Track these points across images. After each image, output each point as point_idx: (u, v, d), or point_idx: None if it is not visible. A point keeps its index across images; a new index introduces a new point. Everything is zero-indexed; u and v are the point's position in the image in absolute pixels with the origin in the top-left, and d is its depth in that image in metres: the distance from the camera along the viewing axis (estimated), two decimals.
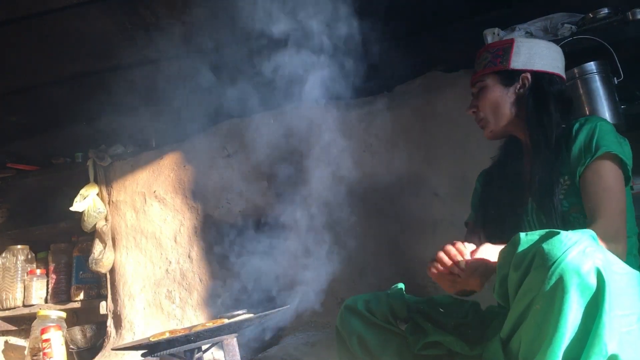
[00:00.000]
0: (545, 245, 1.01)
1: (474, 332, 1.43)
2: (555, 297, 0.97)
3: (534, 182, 1.46)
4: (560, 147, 1.44)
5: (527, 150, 1.56)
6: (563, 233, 1.02)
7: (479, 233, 1.64)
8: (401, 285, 1.63)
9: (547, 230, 1.06)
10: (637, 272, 1.02)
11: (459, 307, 1.54)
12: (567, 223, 1.39)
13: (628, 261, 1.37)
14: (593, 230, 1.25)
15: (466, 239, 1.66)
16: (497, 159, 1.69)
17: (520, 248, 1.07)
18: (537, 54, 1.53)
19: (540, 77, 1.52)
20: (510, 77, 1.54)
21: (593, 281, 0.96)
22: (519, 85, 1.53)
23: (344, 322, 1.52)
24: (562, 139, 1.45)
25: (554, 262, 0.98)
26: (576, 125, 1.43)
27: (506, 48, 1.54)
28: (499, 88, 1.54)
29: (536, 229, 1.45)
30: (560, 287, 0.97)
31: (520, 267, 1.05)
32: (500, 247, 1.26)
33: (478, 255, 1.27)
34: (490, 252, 1.27)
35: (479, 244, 1.50)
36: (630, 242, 1.42)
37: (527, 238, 1.07)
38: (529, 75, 1.53)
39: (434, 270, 1.31)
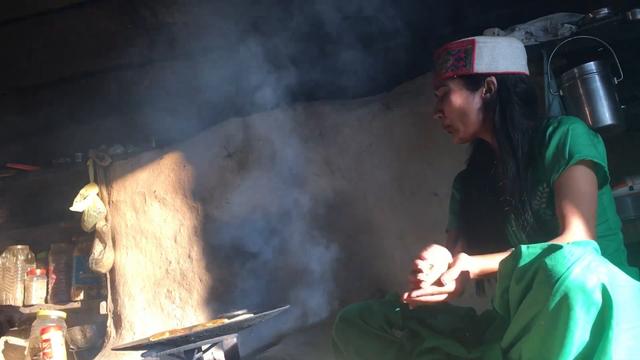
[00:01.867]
0: (548, 261, 1.00)
1: (471, 335, 1.42)
2: (560, 315, 0.96)
3: (507, 197, 1.44)
4: (534, 155, 1.41)
5: (498, 157, 1.51)
6: (566, 247, 1.00)
7: (461, 240, 1.61)
8: (395, 293, 1.62)
9: (550, 244, 1.04)
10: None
11: (454, 312, 1.53)
12: (553, 231, 1.36)
13: (616, 256, 1.38)
14: (564, 237, 1.26)
15: (447, 246, 1.65)
16: (469, 162, 1.66)
17: (522, 262, 1.05)
18: (500, 54, 1.48)
19: (505, 79, 1.48)
20: (475, 81, 1.49)
21: (598, 297, 0.95)
22: (484, 90, 1.49)
23: (339, 333, 1.49)
24: (535, 143, 1.42)
25: (558, 279, 0.96)
26: (549, 129, 1.40)
27: (468, 50, 1.49)
28: (464, 94, 1.50)
29: (521, 239, 1.45)
30: (564, 305, 0.95)
31: (522, 280, 1.04)
32: (476, 258, 1.26)
33: (457, 266, 1.23)
34: (467, 263, 1.25)
35: (460, 251, 1.49)
36: (617, 238, 1.42)
37: (528, 251, 1.06)
38: (494, 79, 1.48)
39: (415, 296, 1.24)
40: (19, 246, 3.37)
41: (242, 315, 2.01)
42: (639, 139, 2.41)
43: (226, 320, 1.93)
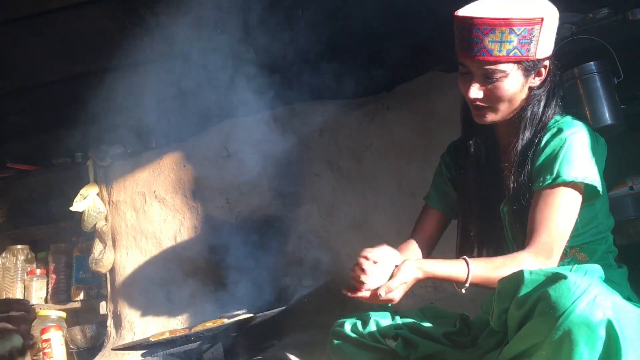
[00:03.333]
0: (552, 292, 0.97)
1: (464, 339, 1.42)
2: (563, 350, 0.95)
3: (511, 198, 1.38)
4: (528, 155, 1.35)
5: (506, 147, 1.43)
6: (571, 278, 0.98)
7: (435, 216, 1.61)
8: None
9: (554, 271, 1.02)
10: None
11: (447, 317, 1.52)
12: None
13: (604, 258, 1.37)
14: (524, 253, 1.24)
15: (419, 219, 1.66)
16: (467, 142, 1.51)
17: (524, 290, 1.03)
18: (554, 32, 1.31)
19: (552, 65, 1.36)
20: (533, 67, 1.31)
21: (603, 333, 0.93)
22: (534, 75, 1.33)
23: (333, 349, 1.48)
24: (533, 142, 1.36)
25: (562, 313, 0.94)
26: (547, 135, 1.33)
27: (534, 30, 1.25)
28: (520, 80, 1.31)
29: (509, 236, 1.42)
30: (568, 341, 0.94)
31: (523, 307, 1.03)
32: (422, 264, 1.25)
33: (398, 278, 1.24)
34: (410, 271, 1.25)
35: (433, 230, 1.57)
36: (606, 240, 1.39)
37: (531, 277, 1.04)
38: (548, 65, 1.34)
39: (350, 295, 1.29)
40: (19, 246, 3.37)
41: (242, 315, 2.02)
42: (639, 139, 2.41)
43: (226, 320, 1.94)
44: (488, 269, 1.25)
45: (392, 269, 1.27)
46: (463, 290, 1.26)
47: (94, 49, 2.74)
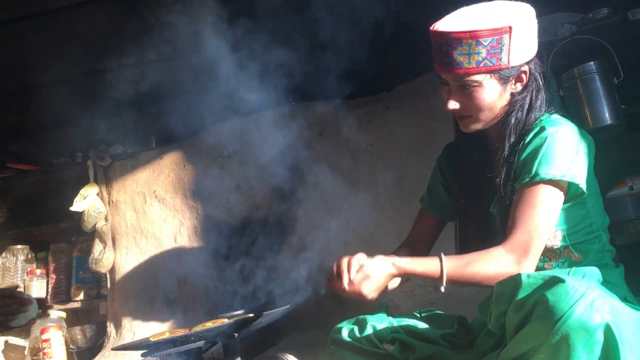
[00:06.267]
0: (549, 295, 0.97)
1: (462, 341, 1.42)
2: (560, 355, 0.95)
3: (500, 198, 1.39)
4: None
5: (496, 151, 1.43)
6: (569, 282, 0.98)
7: (430, 219, 1.64)
8: (384, 304, 1.61)
9: (552, 275, 1.02)
10: None
11: (445, 319, 1.52)
12: None
13: (600, 257, 1.37)
14: (503, 247, 1.25)
15: (415, 221, 1.69)
16: (460, 146, 1.55)
17: (522, 293, 1.03)
18: (532, 36, 1.31)
19: (533, 68, 1.36)
20: (509, 74, 1.31)
21: (601, 337, 0.93)
22: (515, 81, 1.34)
23: (332, 354, 1.48)
24: (518, 141, 1.37)
25: (560, 317, 0.94)
26: (531, 134, 1.33)
27: (503, 39, 1.24)
28: (497, 89, 1.32)
29: (499, 234, 1.43)
30: (565, 345, 0.94)
31: (520, 310, 1.03)
32: (395, 261, 1.27)
33: (363, 271, 1.27)
34: (381, 265, 1.28)
35: (428, 233, 1.59)
36: (600, 239, 1.39)
37: (529, 281, 1.04)
38: (527, 69, 1.33)
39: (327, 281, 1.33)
40: (19, 246, 3.37)
41: (242, 315, 2.02)
42: (639, 139, 2.41)
43: (226, 320, 1.94)
44: (461, 264, 1.26)
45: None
46: (442, 289, 1.26)
47: (94, 49, 2.74)
